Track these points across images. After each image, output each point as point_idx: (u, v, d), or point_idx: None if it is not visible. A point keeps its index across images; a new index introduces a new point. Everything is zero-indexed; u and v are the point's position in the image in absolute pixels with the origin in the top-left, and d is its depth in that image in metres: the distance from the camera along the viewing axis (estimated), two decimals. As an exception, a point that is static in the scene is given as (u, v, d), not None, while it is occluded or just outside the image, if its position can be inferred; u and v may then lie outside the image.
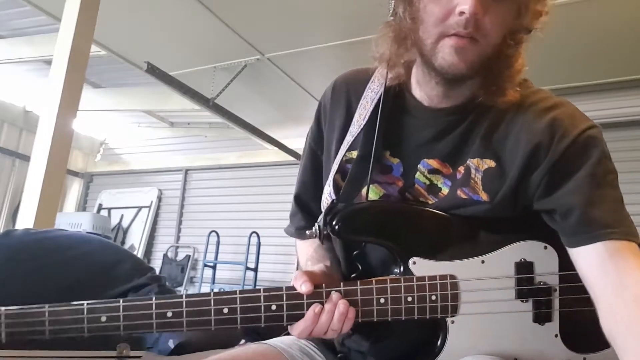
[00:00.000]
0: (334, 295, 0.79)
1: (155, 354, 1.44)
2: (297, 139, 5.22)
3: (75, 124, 2.67)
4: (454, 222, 0.85)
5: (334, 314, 0.77)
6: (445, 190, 0.85)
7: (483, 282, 0.85)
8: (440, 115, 0.86)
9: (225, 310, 0.76)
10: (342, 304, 0.77)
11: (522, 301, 0.85)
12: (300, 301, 0.78)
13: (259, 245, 5.34)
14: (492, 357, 0.82)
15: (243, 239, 5.40)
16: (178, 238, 6.21)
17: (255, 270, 5.28)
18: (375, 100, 0.88)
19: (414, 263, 0.84)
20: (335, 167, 0.89)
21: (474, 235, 0.85)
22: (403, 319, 0.81)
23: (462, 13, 0.73)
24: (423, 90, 0.87)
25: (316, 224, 0.87)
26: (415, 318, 0.82)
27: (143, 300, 0.74)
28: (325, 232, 0.84)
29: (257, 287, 0.88)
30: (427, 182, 0.87)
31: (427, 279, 0.82)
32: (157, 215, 6.36)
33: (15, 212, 5.59)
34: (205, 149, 6.33)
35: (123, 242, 6.23)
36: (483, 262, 0.85)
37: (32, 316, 0.71)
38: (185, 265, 5.92)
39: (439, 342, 0.84)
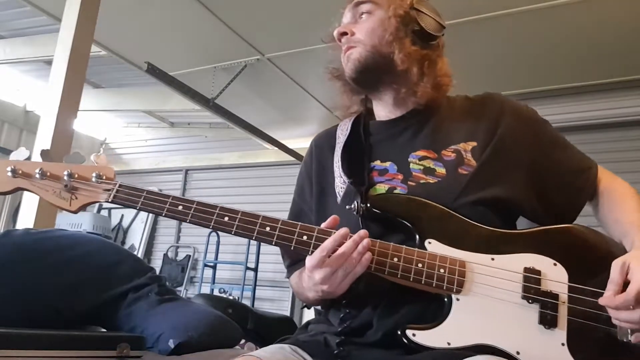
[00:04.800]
0: (362, 232, 0.89)
1: (155, 354, 1.44)
2: (297, 139, 5.22)
3: (75, 124, 2.67)
4: (472, 226, 0.95)
5: (357, 247, 0.87)
6: (440, 170, 1.01)
7: (490, 275, 0.90)
8: (406, 118, 1.08)
9: (268, 229, 0.93)
10: (365, 241, 0.88)
11: (528, 302, 0.88)
12: (328, 236, 0.89)
13: (258, 245, 5.33)
14: (495, 357, 0.83)
15: (243, 239, 5.40)
16: (178, 238, 6.21)
17: (255, 270, 5.28)
18: (347, 133, 1.11)
19: (430, 243, 0.93)
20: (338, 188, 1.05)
21: (488, 239, 0.94)
22: (411, 279, 0.89)
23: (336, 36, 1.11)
24: (380, 112, 1.13)
25: (355, 202, 0.96)
26: (422, 282, 0.89)
27: (210, 206, 0.95)
28: (364, 205, 0.95)
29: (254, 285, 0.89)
30: (422, 167, 1.02)
31: (438, 256, 0.91)
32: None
33: (16, 212, 5.59)
34: (205, 149, 6.34)
35: (123, 242, 6.23)
36: (493, 259, 0.92)
37: (135, 195, 0.98)
38: (186, 265, 5.92)
39: (440, 315, 0.89)
